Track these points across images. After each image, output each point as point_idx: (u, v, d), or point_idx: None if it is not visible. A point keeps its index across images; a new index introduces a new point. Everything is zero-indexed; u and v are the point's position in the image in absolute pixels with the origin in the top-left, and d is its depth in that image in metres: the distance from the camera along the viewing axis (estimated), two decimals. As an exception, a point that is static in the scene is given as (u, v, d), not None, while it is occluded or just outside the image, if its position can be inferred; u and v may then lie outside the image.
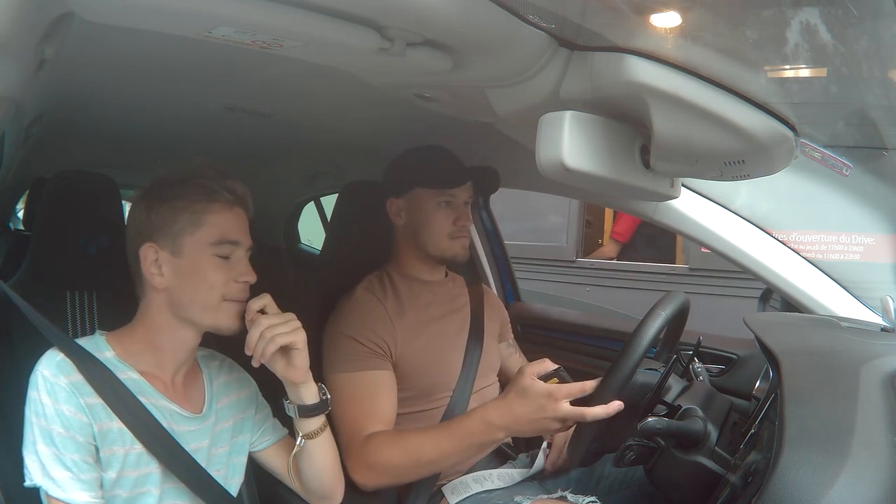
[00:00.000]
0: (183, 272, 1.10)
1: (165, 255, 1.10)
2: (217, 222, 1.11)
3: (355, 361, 1.45)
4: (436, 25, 0.93)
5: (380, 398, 1.44)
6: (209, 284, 1.10)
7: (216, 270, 1.10)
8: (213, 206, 1.11)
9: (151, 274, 1.10)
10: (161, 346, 1.13)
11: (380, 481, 1.37)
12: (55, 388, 1.00)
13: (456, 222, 1.57)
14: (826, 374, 1.06)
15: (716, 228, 1.65)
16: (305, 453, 1.20)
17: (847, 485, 0.79)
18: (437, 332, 1.57)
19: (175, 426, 1.11)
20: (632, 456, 1.18)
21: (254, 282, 1.13)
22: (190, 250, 1.10)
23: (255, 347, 1.09)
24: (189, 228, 1.09)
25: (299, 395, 1.16)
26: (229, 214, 1.12)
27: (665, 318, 1.23)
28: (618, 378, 1.17)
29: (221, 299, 1.10)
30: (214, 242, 1.10)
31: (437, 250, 1.58)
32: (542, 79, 1.09)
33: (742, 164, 1.12)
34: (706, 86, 0.99)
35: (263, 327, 1.09)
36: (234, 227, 1.13)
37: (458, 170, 1.61)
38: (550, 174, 1.09)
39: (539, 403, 1.23)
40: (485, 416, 1.29)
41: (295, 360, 1.13)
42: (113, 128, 1.92)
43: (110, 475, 1.04)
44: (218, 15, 0.86)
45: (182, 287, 1.10)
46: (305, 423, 1.18)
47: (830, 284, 1.60)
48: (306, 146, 2.27)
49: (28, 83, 0.96)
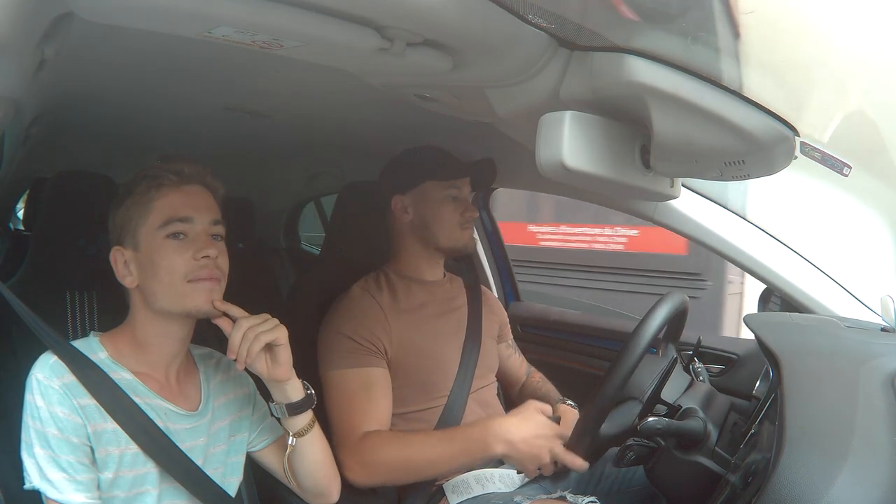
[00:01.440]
0: (144, 264, 1.09)
1: (129, 254, 1.10)
2: (162, 205, 1.09)
3: (350, 358, 1.46)
4: (436, 25, 0.93)
5: (375, 395, 1.45)
6: (168, 269, 1.07)
7: (174, 253, 1.08)
8: (160, 191, 1.10)
9: (123, 276, 1.11)
10: (147, 343, 1.13)
11: (373, 479, 1.39)
12: (49, 390, 1.01)
13: (464, 213, 1.61)
14: (826, 374, 1.06)
15: (716, 228, 1.65)
16: (297, 451, 1.20)
17: (847, 485, 0.79)
18: (434, 332, 1.58)
19: (170, 424, 1.11)
20: (632, 456, 1.18)
21: (215, 256, 1.10)
22: (144, 240, 1.09)
23: (240, 349, 1.08)
24: (141, 220, 1.09)
25: (286, 393, 1.16)
26: (176, 194, 1.11)
27: (661, 321, 1.23)
28: (612, 386, 1.17)
29: (185, 281, 1.08)
30: (162, 224, 1.08)
31: (449, 241, 1.61)
32: (542, 79, 1.09)
33: (742, 164, 1.12)
34: (706, 86, 0.99)
35: (245, 328, 1.08)
36: (183, 205, 1.10)
37: (460, 163, 1.65)
38: (550, 174, 1.09)
39: (535, 434, 1.32)
40: (488, 428, 1.34)
41: (280, 357, 1.12)
42: (113, 128, 1.92)
43: (107, 476, 1.04)
44: (218, 15, 0.86)
45: (148, 279, 1.09)
46: (294, 421, 1.18)
47: (830, 284, 1.60)
48: (306, 146, 2.27)
49: (28, 83, 0.96)
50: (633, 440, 1.16)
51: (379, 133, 1.86)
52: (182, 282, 1.08)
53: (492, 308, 1.78)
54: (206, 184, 1.15)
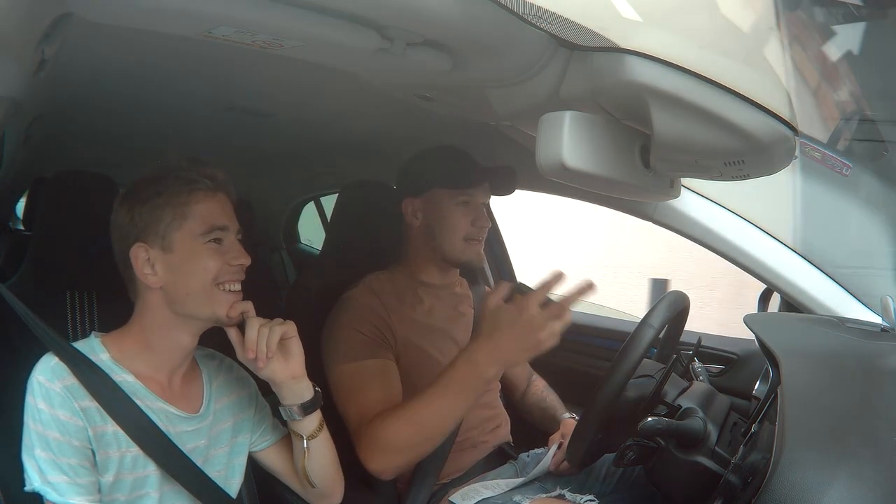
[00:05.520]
0: (176, 266, 1.09)
1: (156, 253, 1.09)
2: (202, 212, 1.10)
3: (359, 351, 1.43)
4: (436, 25, 0.93)
5: (386, 385, 1.41)
6: (203, 269, 1.08)
7: (211, 257, 1.09)
8: (195, 195, 1.10)
9: (145, 274, 1.09)
10: (156, 345, 1.12)
11: (394, 462, 1.31)
12: (50, 393, 1.00)
13: (474, 223, 1.56)
14: (826, 374, 1.07)
15: (716, 228, 1.65)
16: (310, 454, 1.19)
17: (847, 485, 0.79)
18: (438, 338, 1.57)
19: (171, 427, 1.11)
20: (632, 456, 1.18)
21: (248, 264, 1.12)
22: (180, 244, 1.09)
23: (258, 344, 1.09)
24: (175, 223, 1.09)
25: (300, 391, 1.16)
26: (213, 202, 1.11)
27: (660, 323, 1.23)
28: (612, 387, 1.17)
29: (215, 284, 1.09)
30: (205, 231, 1.10)
31: (452, 253, 1.56)
32: (542, 79, 1.09)
33: (742, 164, 1.12)
34: (706, 86, 0.99)
35: (258, 325, 1.10)
36: (220, 213, 1.12)
37: (475, 170, 1.58)
38: (550, 174, 1.09)
39: (515, 322, 1.18)
40: (469, 358, 1.23)
41: (292, 349, 1.13)
42: (113, 128, 1.92)
43: (107, 479, 1.04)
44: (218, 15, 0.86)
45: (177, 281, 1.09)
46: (306, 422, 1.17)
47: (830, 284, 1.60)
48: (306, 146, 2.27)
49: (28, 83, 0.96)
50: (632, 440, 1.16)
51: (379, 133, 1.86)
52: (212, 285, 1.09)
53: None
54: (229, 193, 1.16)
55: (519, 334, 1.18)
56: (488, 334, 1.21)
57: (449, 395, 1.26)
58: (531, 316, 1.17)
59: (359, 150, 2.12)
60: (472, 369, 1.23)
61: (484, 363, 1.22)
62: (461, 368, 1.24)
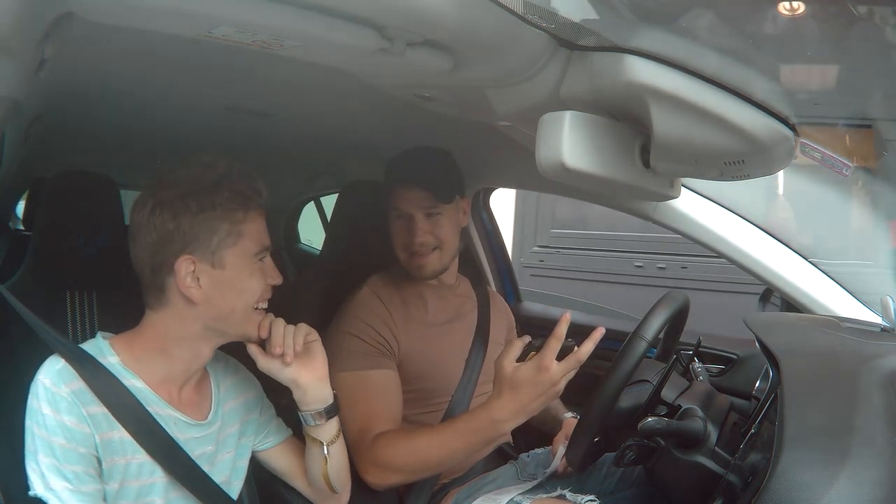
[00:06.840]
0: (224, 284, 1.06)
1: (204, 267, 1.05)
2: (255, 231, 1.09)
3: (362, 360, 1.44)
4: (436, 25, 0.93)
5: (387, 397, 1.43)
6: (252, 290, 1.08)
7: (257, 278, 1.09)
8: (250, 214, 1.08)
9: (187, 286, 1.04)
10: (176, 356, 1.09)
11: (389, 480, 1.35)
12: (56, 398, 0.98)
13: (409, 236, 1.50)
14: (826, 374, 1.06)
15: (716, 228, 1.65)
16: (331, 460, 1.18)
17: (847, 485, 0.79)
18: (441, 340, 1.56)
19: (180, 434, 1.09)
20: (632, 456, 1.18)
21: (280, 283, 1.13)
22: (233, 262, 1.06)
23: (286, 342, 1.09)
24: (229, 240, 1.06)
25: (324, 395, 1.15)
26: (261, 220, 1.11)
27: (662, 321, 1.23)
28: (612, 387, 1.17)
29: (254, 305, 1.09)
30: (257, 252, 1.09)
31: (405, 265, 1.55)
32: (542, 79, 1.09)
33: (742, 164, 1.12)
34: (706, 86, 0.99)
35: (282, 324, 1.11)
36: (265, 232, 1.12)
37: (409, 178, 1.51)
38: (550, 174, 1.09)
39: (535, 382, 1.20)
40: (491, 416, 1.26)
41: (316, 351, 1.14)
42: (113, 128, 1.92)
43: (112, 486, 1.02)
44: (218, 15, 0.86)
45: (224, 298, 1.06)
46: (328, 427, 1.16)
47: (830, 284, 1.60)
48: (306, 146, 2.27)
49: (28, 83, 0.95)
50: (632, 440, 1.16)
51: (379, 133, 1.86)
52: (251, 307, 1.09)
53: (500, 311, 1.75)
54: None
55: (540, 391, 1.21)
56: (511, 396, 1.23)
57: (461, 440, 1.30)
58: (551, 374, 1.19)
59: (359, 150, 2.12)
60: (492, 425, 1.26)
61: (505, 421, 1.25)
62: (481, 420, 1.28)
